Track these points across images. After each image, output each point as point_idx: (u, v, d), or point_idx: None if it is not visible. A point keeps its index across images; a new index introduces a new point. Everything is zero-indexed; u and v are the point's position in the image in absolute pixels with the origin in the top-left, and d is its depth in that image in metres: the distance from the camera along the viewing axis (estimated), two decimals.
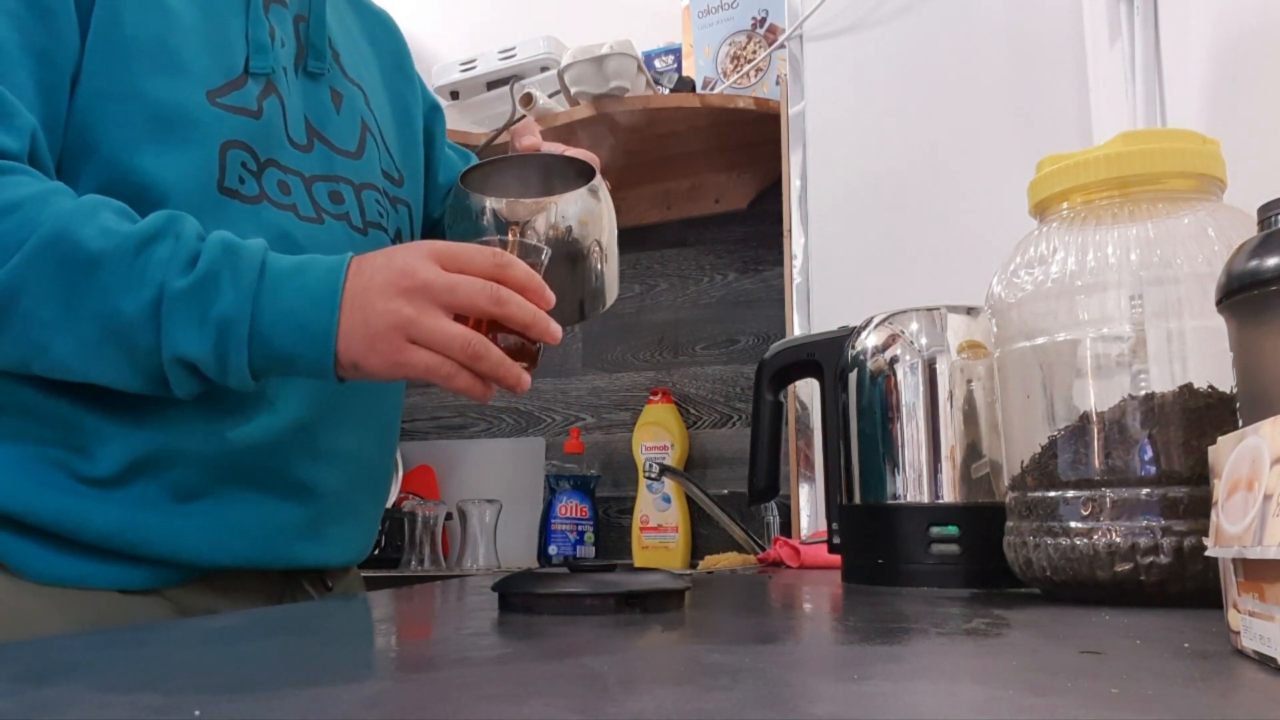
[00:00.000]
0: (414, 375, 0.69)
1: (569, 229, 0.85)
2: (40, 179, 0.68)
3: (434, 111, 1.05)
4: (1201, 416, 0.60)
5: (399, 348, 0.68)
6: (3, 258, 0.65)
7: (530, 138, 0.90)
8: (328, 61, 0.88)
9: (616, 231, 0.91)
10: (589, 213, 0.86)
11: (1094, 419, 0.63)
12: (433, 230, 1.06)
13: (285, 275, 0.68)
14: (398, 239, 0.91)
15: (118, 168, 0.72)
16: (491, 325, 0.71)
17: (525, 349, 0.73)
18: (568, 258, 0.83)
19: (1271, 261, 0.46)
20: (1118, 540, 0.60)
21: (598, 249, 0.87)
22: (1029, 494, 0.66)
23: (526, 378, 0.72)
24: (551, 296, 0.73)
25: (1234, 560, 0.39)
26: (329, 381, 0.71)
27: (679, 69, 1.85)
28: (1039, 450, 0.66)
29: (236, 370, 0.68)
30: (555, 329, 0.72)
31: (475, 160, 1.12)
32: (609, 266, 0.90)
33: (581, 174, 0.88)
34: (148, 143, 0.72)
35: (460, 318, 0.70)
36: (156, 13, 0.74)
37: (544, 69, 1.84)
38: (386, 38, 1.02)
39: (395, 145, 0.95)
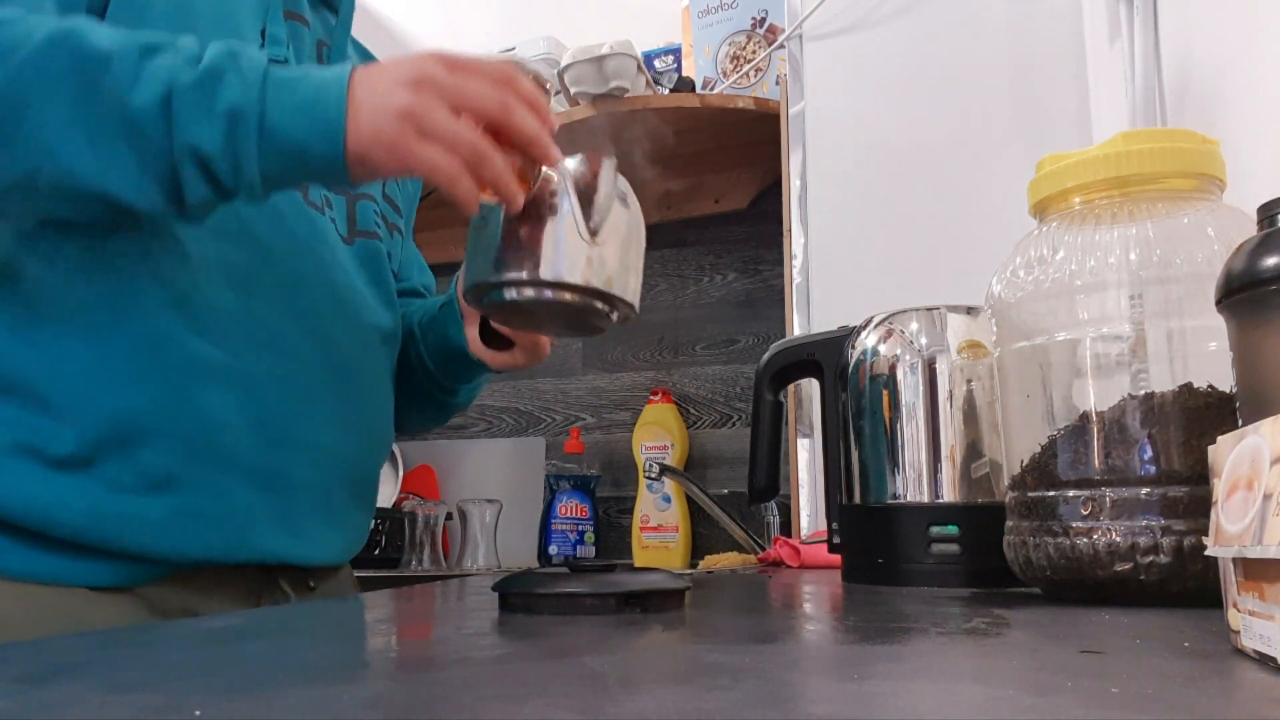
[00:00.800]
0: (419, 172, 0.67)
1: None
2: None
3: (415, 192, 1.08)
4: (1201, 416, 0.60)
5: (406, 140, 0.66)
6: (5, 56, 0.63)
7: None
8: None
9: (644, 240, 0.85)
10: (628, 222, 0.75)
11: (1094, 418, 0.63)
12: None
13: (290, 77, 0.67)
14: (390, 259, 0.93)
15: None
16: (499, 127, 0.67)
17: (522, 175, 0.69)
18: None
19: (1271, 261, 0.46)
20: (1117, 540, 0.60)
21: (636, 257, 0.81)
22: (1029, 493, 0.66)
23: (521, 197, 0.69)
24: (554, 120, 0.70)
25: (1234, 560, 0.39)
26: (340, 182, 0.69)
27: (679, 69, 1.85)
28: (1039, 450, 0.66)
29: (247, 165, 0.66)
30: (556, 151, 0.69)
31: (430, 279, 1.09)
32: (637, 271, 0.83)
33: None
34: None
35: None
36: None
37: None
38: None
39: (396, 181, 0.96)
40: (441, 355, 0.96)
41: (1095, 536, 0.61)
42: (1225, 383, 0.59)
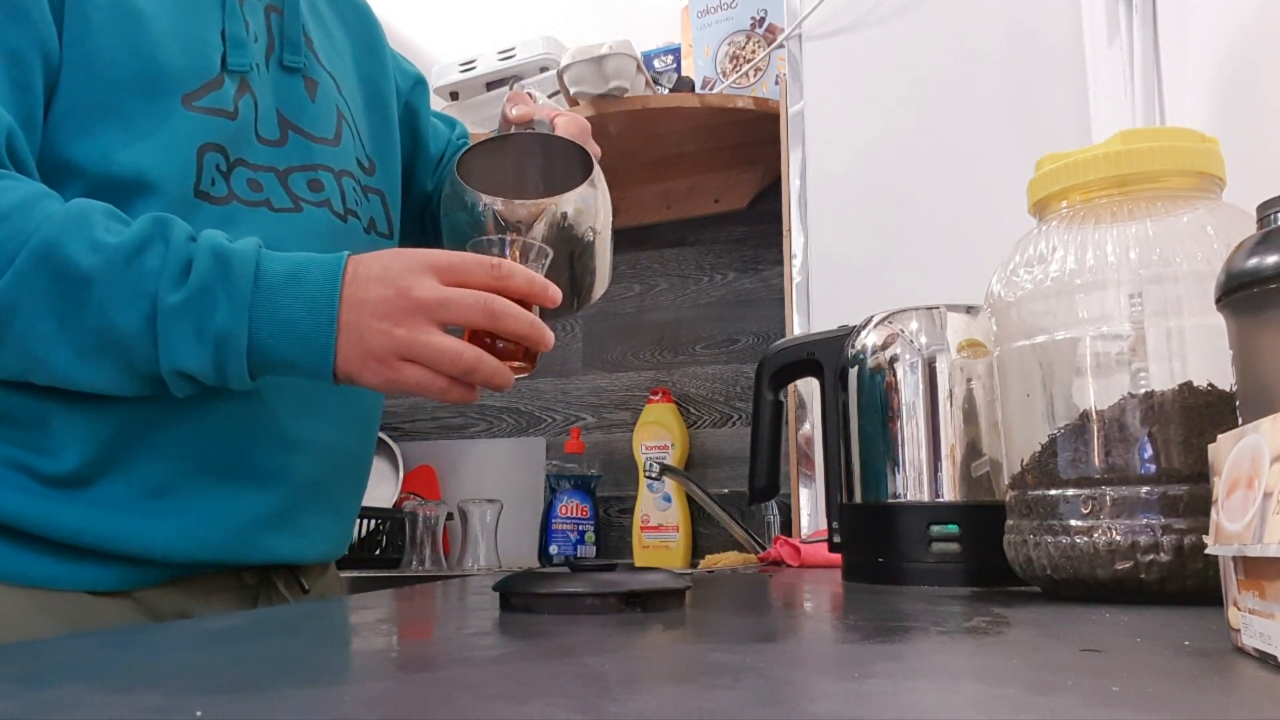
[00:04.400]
0: (407, 391, 0.70)
1: (564, 215, 0.83)
2: (21, 181, 0.67)
3: (416, 86, 1.05)
4: (1201, 414, 0.60)
5: (392, 366, 0.69)
6: None
7: (521, 106, 0.89)
8: (303, 54, 0.86)
9: (611, 216, 0.90)
10: (584, 201, 0.84)
11: (1094, 417, 0.63)
12: (425, 207, 1.05)
13: (281, 285, 0.68)
14: (371, 228, 0.91)
15: (97, 176, 0.72)
16: (489, 331, 0.72)
17: (524, 350, 0.74)
18: (564, 246, 0.82)
19: (1271, 259, 0.46)
20: (1118, 538, 0.60)
21: (592, 235, 0.86)
22: (1029, 492, 0.66)
23: (511, 379, 0.73)
24: (558, 294, 0.73)
25: (1234, 558, 0.39)
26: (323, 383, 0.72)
27: (678, 69, 1.85)
28: (1039, 449, 0.66)
29: (236, 377, 0.69)
30: (549, 338, 0.72)
31: (462, 128, 1.12)
32: (603, 255, 0.88)
33: (581, 162, 0.86)
34: (124, 151, 0.72)
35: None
36: (129, 22, 0.73)
37: (543, 69, 1.84)
38: (358, 21, 1.00)
39: (366, 133, 0.94)
40: None
41: (1095, 535, 0.61)
42: (1225, 381, 0.59)
